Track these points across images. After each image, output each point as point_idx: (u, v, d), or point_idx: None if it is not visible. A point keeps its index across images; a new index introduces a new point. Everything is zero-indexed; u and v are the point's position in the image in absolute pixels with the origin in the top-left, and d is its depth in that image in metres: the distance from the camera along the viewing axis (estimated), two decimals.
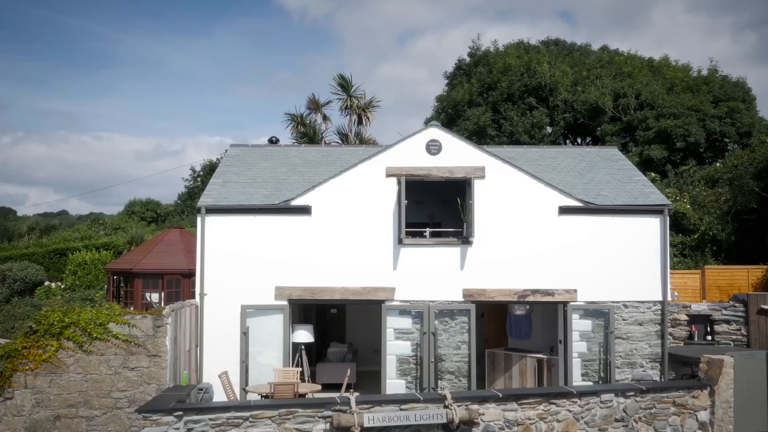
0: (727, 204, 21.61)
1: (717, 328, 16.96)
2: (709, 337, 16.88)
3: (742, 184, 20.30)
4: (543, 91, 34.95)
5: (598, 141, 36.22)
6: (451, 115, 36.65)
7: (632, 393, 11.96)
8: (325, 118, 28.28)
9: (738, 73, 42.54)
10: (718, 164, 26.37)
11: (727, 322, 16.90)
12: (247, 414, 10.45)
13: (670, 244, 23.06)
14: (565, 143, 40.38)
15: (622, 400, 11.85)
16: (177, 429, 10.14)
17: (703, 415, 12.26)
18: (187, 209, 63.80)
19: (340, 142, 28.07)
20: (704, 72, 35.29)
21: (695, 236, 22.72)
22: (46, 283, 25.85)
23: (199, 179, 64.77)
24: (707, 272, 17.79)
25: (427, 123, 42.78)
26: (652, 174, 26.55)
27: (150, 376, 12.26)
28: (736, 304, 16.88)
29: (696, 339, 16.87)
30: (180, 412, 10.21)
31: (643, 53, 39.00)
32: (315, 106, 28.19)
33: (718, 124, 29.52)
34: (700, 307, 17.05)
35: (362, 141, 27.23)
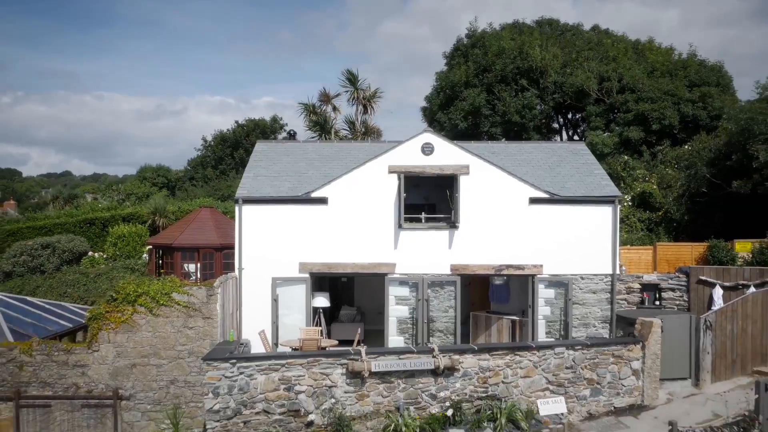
0: (682, 188, 24.76)
1: (664, 294, 20.30)
2: (657, 303, 20.20)
3: (696, 171, 23.38)
4: (534, 74, 37.62)
5: (584, 120, 39.13)
6: (449, 95, 39.41)
7: (580, 347, 15.35)
8: (334, 108, 31.45)
9: (743, 29, 44.71)
10: (686, 147, 29.34)
11: (673, 290, 20.24)
12: (283, 362, 13.87)
13: (638, 220, 26.40)
14: (557, 119, 43.24)
15: (571, 352, 15.24)
16: (232, 372, 13.59)
17: (636, 364, 15.66)
18: (197, 176, 66.94)
19: (348, 129, 31.21)
20: (684, 55, 37.89)
21: (659, 213, 25.92)
22: (90, 253, 29.18)
23: (210, 149, 67.53)
24: (658, 248, 21.02)
25: (428, 99, 45.73)
26: (625, 156, 29.58)
27: (204, 334, 15.70)
28: (681, 275, 20.20)
29: (646, 304, 20.23)
30: (234, 360, 13.65)
31: (644, 16, 41.48)
32: (326, 98, 31.40)
33: (691, 108, 32.34)
34: (651, 278, 20.38)
35: (367, 129, 30.36)
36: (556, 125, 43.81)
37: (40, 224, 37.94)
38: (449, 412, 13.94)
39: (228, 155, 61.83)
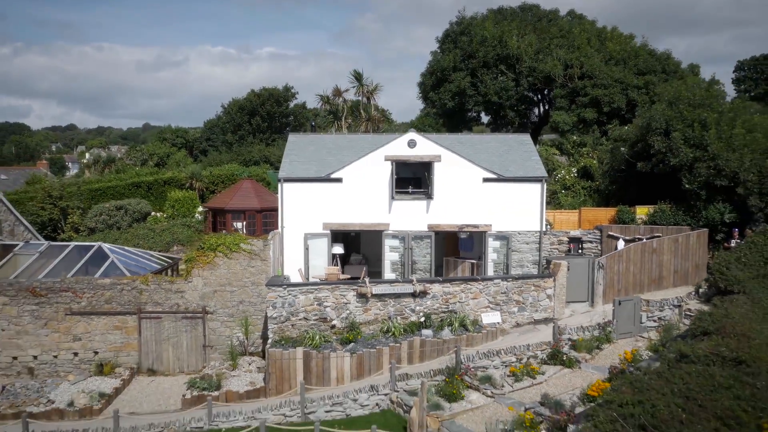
0: (608, 165, 32.14)
1: (585, 246, 27.99)
2: (580, 251, 27.90)
3: (618, 152, 30.73)
4: (511, 60, 44.48)
5: (552, 100, 46.13)
6: (439, 77, 46.37)
7: (511, 279, 23.08)
8: (344, 100, 38.78)
9: None
10: (626, 127, 36.50)
11: (591, 242, 27.91)
12: (316, 287, 21.64)
13: (581, 188, 33.85)
14: (536, 95, 50.15)
15: (505, 283, 22.97)
16: (284, 294, 21.36)
17: (549, 291, 23.41)
18: (214, 137, 74.06)
19: (356, 115, 38.68)
20: (639, 44, 44.58)
21: (597, 183, 33.36)
22: (153, 213, 36.84)
23: (228, 115, 74.29)
24: (583, 211, 28.56)
25: (422, 77, 52.47)
26: (574, 137, 36.84)
27: (261, 271, 23.48)
28: (596, 231, 27.82)
29: (572, 252, 27.93)
30: (285, 286, 21.42)
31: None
32: (338, 93, 38.79)
33: (636, 93, 39.38)
34: (576, 233, 28.02)
35: (370, 116, 37.79)
36: (535, 98, 50.82)
37: (95, 187, 45.56)
38: (422, 320, 21.79)
39: (246, 122, 68.65)
